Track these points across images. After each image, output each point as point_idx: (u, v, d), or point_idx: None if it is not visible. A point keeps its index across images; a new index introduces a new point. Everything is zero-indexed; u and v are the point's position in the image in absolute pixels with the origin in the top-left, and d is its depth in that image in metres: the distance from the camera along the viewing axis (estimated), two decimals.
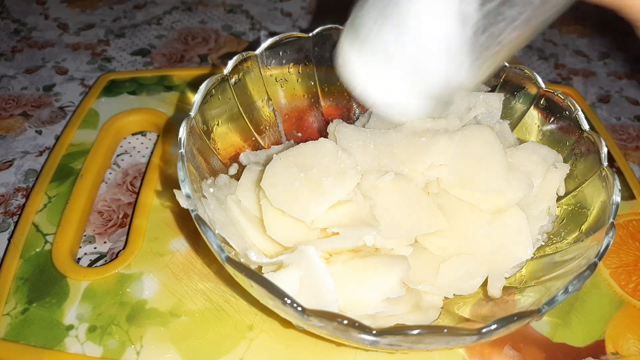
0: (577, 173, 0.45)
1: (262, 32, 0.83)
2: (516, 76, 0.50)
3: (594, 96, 0.76)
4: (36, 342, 0.40)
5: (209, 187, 0.42)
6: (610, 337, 0.43)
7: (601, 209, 0.40)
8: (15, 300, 0.42)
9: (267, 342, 0.41)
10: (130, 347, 0.40)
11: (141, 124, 0.60)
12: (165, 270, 0.45)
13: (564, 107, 0.47)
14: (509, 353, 0.41)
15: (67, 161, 0.54)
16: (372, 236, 0.38)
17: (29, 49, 0.76)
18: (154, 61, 0.76)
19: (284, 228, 0.40)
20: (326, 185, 0.39)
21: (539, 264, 0.42)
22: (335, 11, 0.89)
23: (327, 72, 0.54)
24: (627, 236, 0.50)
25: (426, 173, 0.43)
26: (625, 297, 0.46)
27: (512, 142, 0.48)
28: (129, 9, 0.87)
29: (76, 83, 0.70)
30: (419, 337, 0.31)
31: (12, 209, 0.54)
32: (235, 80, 0.47)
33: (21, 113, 0.65)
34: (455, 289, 0.41)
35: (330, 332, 0.33)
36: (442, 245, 0.42)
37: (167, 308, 0.42)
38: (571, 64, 0.82)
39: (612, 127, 0.70)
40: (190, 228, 0.48)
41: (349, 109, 0.56)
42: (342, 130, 0.45)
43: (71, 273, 0.44)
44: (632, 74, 0.81)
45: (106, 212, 0.52)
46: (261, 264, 0.37)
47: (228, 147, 0.47)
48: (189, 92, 0.62)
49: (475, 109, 0.48)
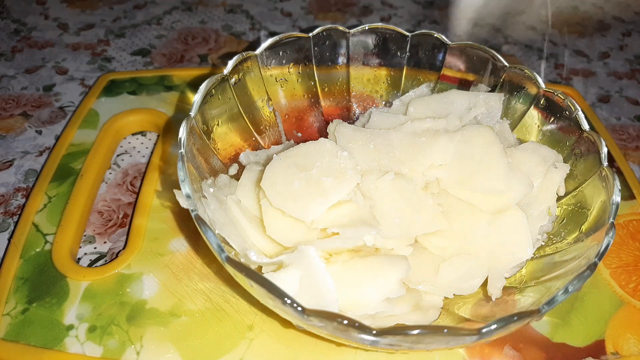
0: (577, 173, 0.45)
1: (262, 32, 0.83)
2: (516, 76, 0.50)
3: (594, 96, 0.76)
4: (36, 342, 0.40)
5: (209, 187, 0.42)
6: (610, 337, 0.43)
7: (601, 209, 0.40)
8: (15, 300, 0.42)
9: (267, 342, 0.41)
10: (130, 347, 0.40)
11: (141, 124, 0.60)
12: (165, 270, 0.45)
13: (564, 107, 0.47)
14: (509, 353, 0.41)
15: (67, 161, 0.54)
16: (372, 236, 0.38)
17: (29, 49, 0.76)
18: (154, 61, 0.76)
19: (284, 228, 0.40)
20: (326, 185, 0.39)
21: (539, 264, 0.42)
22: (335, 11, 0.90)
23: (327, 72, 0.54)
24: (627, 236, 0.50)
25: (426, 173, 0.43)
26: (625, 297, 0.46)
27: (512, 142, 0.48)
28: (129, 9, 0.87)
29: (76, 83, 0.70)
30: (419, 337, 0.31)
31: (12, 209, 0.54)
32: (235, 80, 0.47)
33: (21, 113, 0.65)
34: (455, 289, 0.41)
35: (330, 332, 0.33)
36: (442, 245, 0.42)
37: (167, 308, 0.42)
38: (571, 64, 0.82)
39: (612, 127, 0.70)
40: (190, 228, 0.48)
41: (349, 109, 0.56)
42: (342, 130, 0.45)
43: (71, 273, 0.44)
44: (632, 74, 0.81)
45: (106, 212, 0.52)
46: (261, 264, 0.37)
47: (228, 147, 0.47)
48: (189, 92, 0.62)
49: (475, 109, 0.48)
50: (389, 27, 0.53)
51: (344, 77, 0.55)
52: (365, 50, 0.54)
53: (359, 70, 0.55)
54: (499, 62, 0.50)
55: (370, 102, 0.56)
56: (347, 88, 0.55)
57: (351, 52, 0.54)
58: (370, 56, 0.54)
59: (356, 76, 0.55)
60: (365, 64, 0.55)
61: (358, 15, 0.90)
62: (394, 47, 0.54)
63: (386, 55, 0.54)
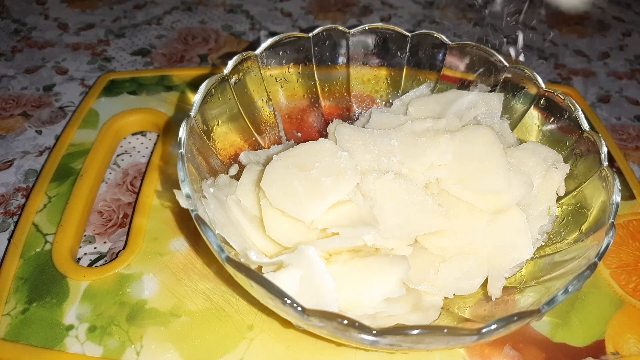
0: (577, 173, 0.45)
1: (262, 32, 0.83)
2: (516, 76, 0.50)
3: (594, 96, 0.76)
4: (36, 342, 0.40)
5: (209, 187, 0.42)
6: (610, 337, 0.43)
7: (601, 209, 0.40)
8: (15, 300, 0.42)
9: (267, 342, 0.41)
10: (130, 347, 0.40)
11: (141, 124, 0.60)
12: (165, 270, 0.45)
13: (563, 107, 0.47)
14: (509, 353, 0.41)
15: (67, 161, 0.54)
16: (372, 236, 0.38)
17: (29, 49, 0.76)
18: (154, 61, 0.76)
19: (283, 228, 0.40)
20: (326, 185, 0.39)
21: (539, 264, 0.42)
22: (335, 11, 0.90)
23: (327, 72, 0.54)
24: (627, 236, 0.50)
25: (426, 173, 0.43)
26: (625, 297, 0.46)
27: (512, 142, 0.48)
28: (129, 9, 0.87)
29: (76, 83, 0.70)
30: (419, 337, 0.31)
31: (12, 209, 0.54)
32: (235, 80, 0.47)
33: (21, 113, 0.65)
34: (455, 289, 0.41)
35: (330, 332, 0.33)
36: (442, 245, 0.42)
37: (167, 308, 0.42)
38: (571, 64, 0.82)
39: (612, 127, 0.70)
40: (190, 228, 0.48)
41: (349, 109, 0.56)
42: (342, 130, 0.45)
43: (71, 273, 0.44)
44: (632, 74, 0.81)
45: (106, 212, 0.52)
46: (261, 264, 0.37)
47: (228, 147, 0.47)
48: (189, 92, 0.62)
49: (475, 109, 0.48)
50: (389, 27, 0.53)
51: (344, 77, 0.55)
52: (365, 50, 0.54)
53: (359, 70, 0.55)
54: (499, 62, 0.50)
55: (370, 102, 0.56)
56: (347, 88, 0.55)
57: (351, 52, 0.54)
58: (370, 56, 0.54)
59: (356, 76, 0.55)
60: (365, 64, 0.55)
61: (358, 15, 0.90)
62: (394, 47, 0.54)
63: (386, 55, 0.54)
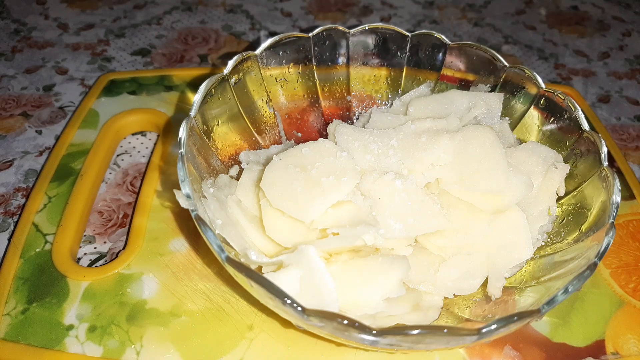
0: (577, 173, 0.45)
1: (262, 32, 0.83)
2: (516, 76, 0.50)
3: (594, 96, 0.76)
4: (36, 342, 0.40)
5: (209, 187, 0.42)
6: (610, 337, 0.43)
7: (601, 209, 0.40)
8: (15, 300, 0.42)
9: (267, 342, 0.41)
10: (130, 347, 0.40)
11: (141, 124, 0.60)
12: (165, 270, 0.45)
13: (563, 107, 0.47)
14: (509, 353, 0.41)
15: (67, 161, 0.54)
16: (371, 236, 0.38)
17: (29, 49, 0.76)
18: (154, 61, 0.76)
19: (283, 228, 0.40)
20: (325, 185, 0.39)
21: (539, 264, 0.42)
22: (335, 11, 0.90)
23: (327, 72, 0.54)
24: (627, 236, 0.50)
25: (426, 173, 0.43)
26: (625, 297, 0.46)
27: (512, 142, 0.48)
28: (129, 9, 0.87)
29: (76, 83, 0.70)
30: (419, 337, 0.31)
31: (12, 209, 0.54)
32: (235, 80, 0.47)
33: (21, 113, 0.65)
34: (455, 289, 0.41)
35: (330, 332, 0.33)
36: (442, 245, 0.42)
37: (167, 308, 0.42)
38: (571, 64, 0.82)
39: (612, 127, 0.70)
40: (190, 228, 0.48)
41: (349, 109, 0.56)
42: (342, 130, 0.45)
43: (71, 273, 0.44)
44: (632, 74, 0.81)
45: (106, 212, 0.52)
46: (261, 263, 0.37)
47: (228, 147, 0.47)
48: (189, 92, 0.62)
49: (475, 109, 0.48)
50: (389, 27, 0.53)
51: (344, 77, 0.55)
52: (365, 50, 0.54)
53: (359, 70, 0.55)
54: (499, 62, 0.50)
55: (370, 102, 0.56)
56: (347, 88, 0.55)
57: (351, 52, 0.53)
58: (370, 56, 0.54)
59: (356, 76, 0.55)
60: (365, 64, 0.55)
61: (358, 15, 0.90)
62: (394, 47, 0.54)
63: (386, 55, 0.54)
